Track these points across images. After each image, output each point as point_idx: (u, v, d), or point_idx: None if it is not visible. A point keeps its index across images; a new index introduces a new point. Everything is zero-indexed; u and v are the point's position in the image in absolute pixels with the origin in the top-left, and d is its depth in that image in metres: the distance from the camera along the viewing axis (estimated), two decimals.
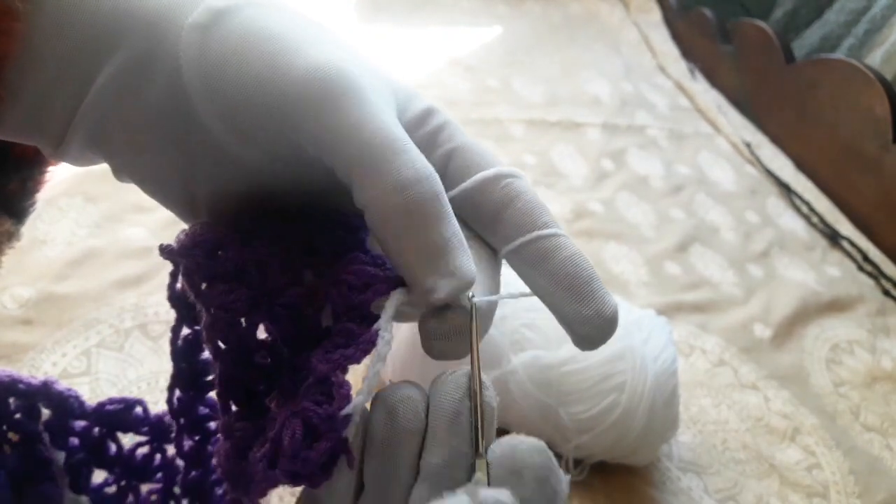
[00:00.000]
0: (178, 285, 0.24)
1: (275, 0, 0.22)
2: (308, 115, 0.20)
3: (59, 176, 0.63)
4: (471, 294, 0.21)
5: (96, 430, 0.34)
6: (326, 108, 0.20)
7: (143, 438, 0.35)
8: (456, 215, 0.23)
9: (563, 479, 0.20)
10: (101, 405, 0.33)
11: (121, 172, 0.24)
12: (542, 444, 0.20)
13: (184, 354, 0.27)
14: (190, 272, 0.22)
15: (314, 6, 1.22)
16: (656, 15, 1.51)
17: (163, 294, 0.27)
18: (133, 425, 0.35)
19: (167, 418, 0.35)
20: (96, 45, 0.21)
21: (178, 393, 0.28)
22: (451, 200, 0.23)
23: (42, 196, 0.32)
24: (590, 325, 0.22)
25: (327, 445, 0.18)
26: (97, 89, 0.21)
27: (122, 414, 0.34)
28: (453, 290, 0.20)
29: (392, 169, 0.19)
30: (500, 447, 0.20)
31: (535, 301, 0.23)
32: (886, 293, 0.84)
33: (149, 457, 0.36)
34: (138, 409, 0.35)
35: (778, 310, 0.74)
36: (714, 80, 1.31)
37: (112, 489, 0.35)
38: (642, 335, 0.48)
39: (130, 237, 0.60)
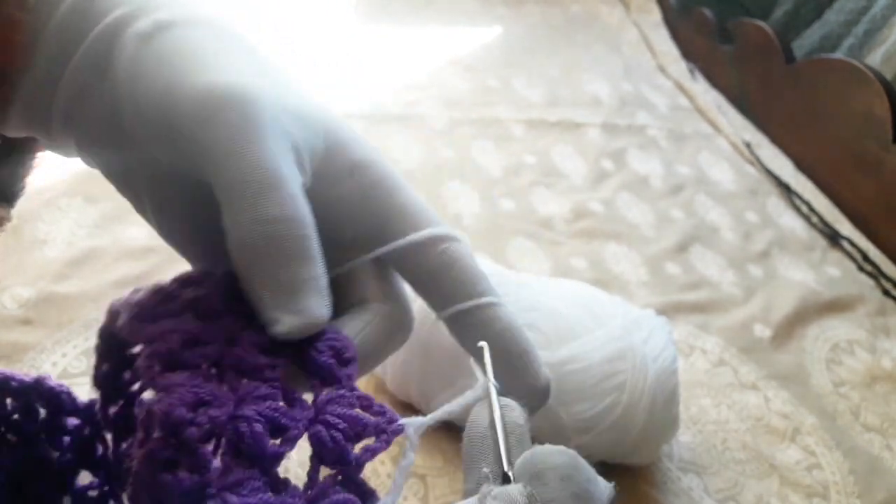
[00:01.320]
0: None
1: (226, 23, 0.22)
2: (191, 134, 0.20)
3: (60, 176, 0.63)
4: (481, 345, 0.22)
5: (87, 429, 0.33)
6: (209, 130, 0.20)
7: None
8: (391, 268, 0.24)
9: (599, 481, 0.20)
10: (93, 402, 0.32)
11: (86, 162, 0.25)
12: (567, 449, 0.20)
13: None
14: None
15: (314, 6, 1.22)
16: (656, 15, 1.51)
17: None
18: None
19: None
20: (74, 41, 0.22)
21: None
22: (388, 255, 0.24)
23: (42, 196, 0.32)
24: (521, 396, 0.23)
25: None
26: (65, 82, 0.22)
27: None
28: (297, 328, 0.20)
29: (257, 203, 0.19)
30: (523, 456, 0.20)
31: (535, 301, 0.23)
32: (886, 293, 0.84)
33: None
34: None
35: (778, 310, 0.74)
36: (714, 80, 1.31)
37: (95, 493, 0.34)
38: (642, 335, 0.48)
39: (131, 237, 0.60)
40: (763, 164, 1.06)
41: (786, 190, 1.01)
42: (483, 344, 0.22)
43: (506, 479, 0.19)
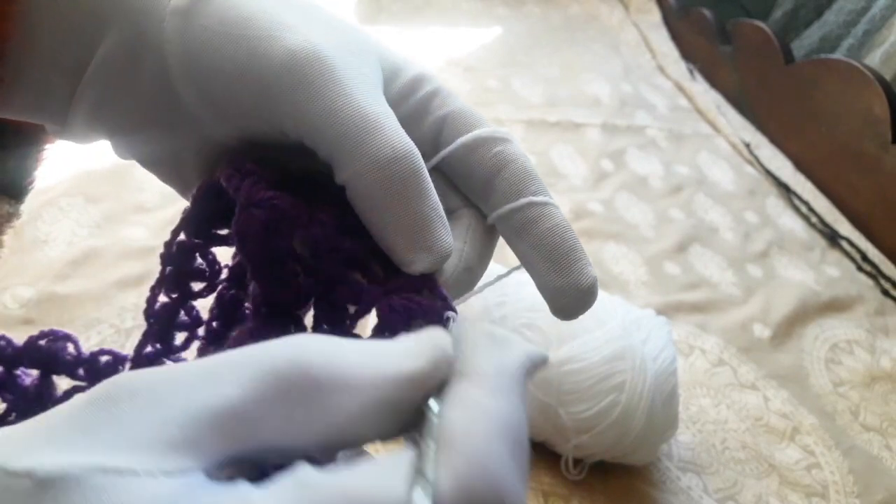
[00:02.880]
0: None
1: None
2: (285, 101, 0.20)
3: (60, 176, 0.63)
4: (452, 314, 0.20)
5: (33, 377, 0.31)
6: (302, 94, 0.20)
7: (79, 383, 0.32)
8: (448, 180, 0.24)
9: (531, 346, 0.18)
10: (32, 339, 0.30)
11: (120, 150, 0.25)
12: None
13: (176, 259, 0.26)
14: (237, 170, 0.21)
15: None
16: (656, 16, 1.52)
17: (164, 294, 0.26)
18: (66, 366, 0.31)
19: (103, 359, 0.31)
20: (90, 25, 0.21)
21: (161, 296, 0.26)
22: (443, 163, 0.23)
23: (43, 196, 0.32)
24: (566, 296, 0.22)
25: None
26: (93, 68, 0.21)
27: (53, 349, 0.31)
28: (430, 264, 0.20)
29: (368, 149, 0.20)
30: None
31: (535, 301, 0.23)
32: (885, 293, 0.84)
33: None
34: (70, 347, 0.31)
35: (777, 310, 0.75)
36: (713, 80, 1.32)
37: None
38: (642, 335, 0.48)
39: (131, 237, 0.60)
40: (762, 164, 1.06)
41: (785, 190, 1.01)
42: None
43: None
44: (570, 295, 0.22)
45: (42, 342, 0.31)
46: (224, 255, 0.25)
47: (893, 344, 0.75)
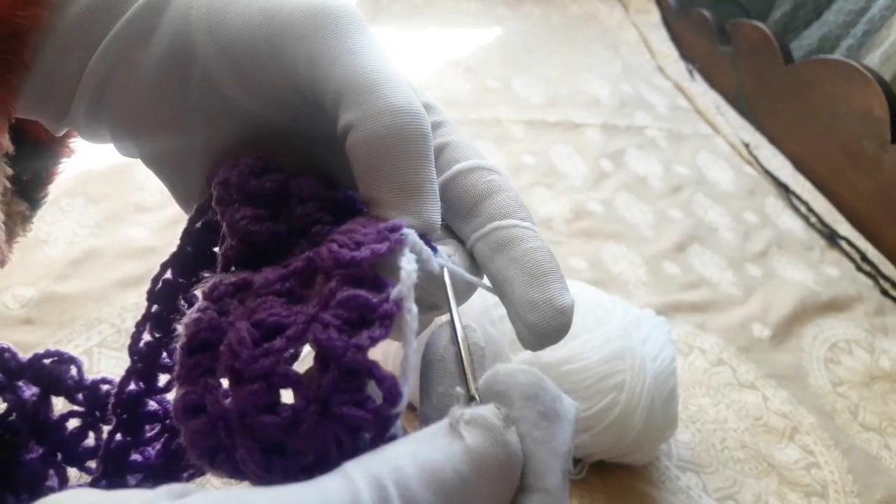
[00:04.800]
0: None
1: None
2: (306, 40, 0.20)
3: (61, 176, 0.63)
4: (441, 264, 0.20)
5: (33, 392, 0.30)
6: (324, 33, 0.20)
7: (76, 408, 0.31)
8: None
9: (565, 399, 0.19)
10: (37, 357, 0.30)
11: (123, 146, 0.24)
12: (532, 369, 0.19)
13: (161, 297, 0.25)
14: (227, 185, 0.21)
15: None
16: (655, 16, 1.52)
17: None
18: (67, 389, 0.31)
19: (105, 387, 0.31)
20: (98, 12, 0.21)
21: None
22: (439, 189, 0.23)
23: None
24: (539, 311, 0.21)
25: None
26: (102, 49, 0.21)
27: (56, 371, 0.30)
28: (414, 227, 0.20)
29: (385, 94, 0.19)
30: (486, 376, 0.19)
31: None
32: (885, 293, 0.84)
33: (80, 432, 0.31)
34: (73, 370, 0.31)
35: (776, 309, 0.75)
36: (713, 80, 1.32)
37: (35, 465, 0.31)
38: (641, 335, 0.48)
39: (132, 237, 0.60)
40: (762, 164, 1.07)
41: (784, 190, 1.01)
42: (443, 263, 0.20)
43: (470, 401, 0.18)
44: (544, 310, 0.21)
45: (46, 361, 0.31)
46: None
47: (892, 344, 0.75)
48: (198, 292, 0.20)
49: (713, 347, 0.67)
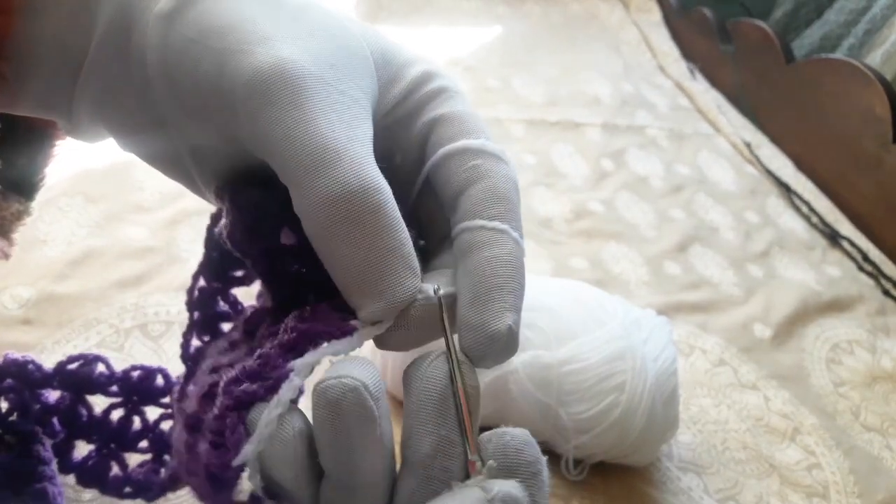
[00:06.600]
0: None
1: None
2: (248, 123, 0.19)
3: (60, 176, 0.63)
4: (436, 287, 0.20)
5: (66, 397, 0.32)
6: (262, 118, 0.19)
7: (115, 400, 0.33)
8: (435, 197, 0.23)
9: (545, 466, 0.19)
10: (61, 364, 0.31)
11: (123, 146, 0.24)
12: (529, 436, 0.19)
13: (200, 304, 0.26)
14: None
15: None
16: (656, 15, 1.51)
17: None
18: (100, 385, 0.32)
19: (135, 374, 0.32)
20: (80, 21, 0.20)
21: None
22: (428, 176, 0.22)
23: (42, 196, 0.32)
24: (472, 335, 0.20)
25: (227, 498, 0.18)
26: (88, 65, 0.21)
27: (84, 373, 0.32)
28: (382, 311, 0.19)
29: (318, 184, 0.18)
30: (493, 443, 0.19)
31: (535, 301, 0.23)
32: (886, 293, 0.84)
33: (126, 420, 0.33)
34: (101, 367, 0.32)
35: (778, 309, 0.74)
36: (714, 79, 1.31)
37: (95, 460, 0.33)
38: (642, 335, 0.48)
39: (131, 237, 0.60)
40: (763, 163, 1.06)
41: (786, 190, 1.01)
42: (440, 290, 0.20)
43: (465, 458, 0.18)
44: (476, 335, 0.20)
45: (73, 366, 0.32)
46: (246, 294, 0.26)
47: (894, 344, 0.75)
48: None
49: (714, 348, 0.67)
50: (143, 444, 0.34)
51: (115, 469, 0.33)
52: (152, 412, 0.34)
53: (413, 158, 0.23)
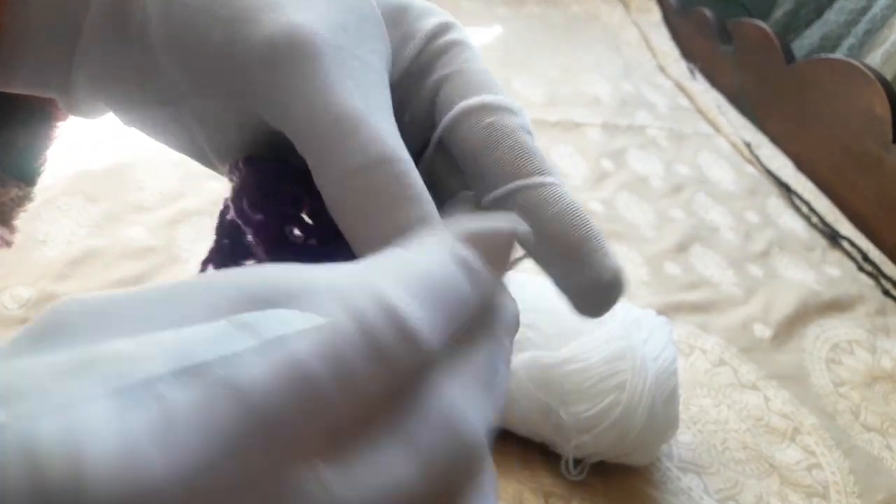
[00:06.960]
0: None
1: None
2: (262, 94, 0.19)
3: (59, 175, 0.63)
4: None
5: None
6: (277, 89, 0.18)
7: None
8: (447, 157, 0.21)
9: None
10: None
11: (127, 123, 0.23)
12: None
13: (229, 231, 0.26)
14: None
15: None
16: (656, 15, 1.52)
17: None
18: None
19: None
20: None
21: (210, 268, 0.27)
22: (439, 140, 0.21)
23: (42, 196, 0.31)
24: (586, 296, 0.19)
25: None
26: (83, 42, 0.20)
27: None
28: None
29: (337, 156, 0.18)
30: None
31: (536, 301, 0.22)
32: (886, 293, 0.84)
33: None
34: None
35: (778, 309, 0.74)
36: (714, 80, 1.31)
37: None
38: (642, 335, 0.48)
39: (131, 237, 0.60)
40: (763, 163, 1.06)
41: (786, 190, 1.01)
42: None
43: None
44: (588, 296, 0.19)
45: None
46: None
47: (894, 344, 0.75)
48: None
49: (714, 348, 0.67)
50: None
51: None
52: None
53: (422, 117, 0.22)
